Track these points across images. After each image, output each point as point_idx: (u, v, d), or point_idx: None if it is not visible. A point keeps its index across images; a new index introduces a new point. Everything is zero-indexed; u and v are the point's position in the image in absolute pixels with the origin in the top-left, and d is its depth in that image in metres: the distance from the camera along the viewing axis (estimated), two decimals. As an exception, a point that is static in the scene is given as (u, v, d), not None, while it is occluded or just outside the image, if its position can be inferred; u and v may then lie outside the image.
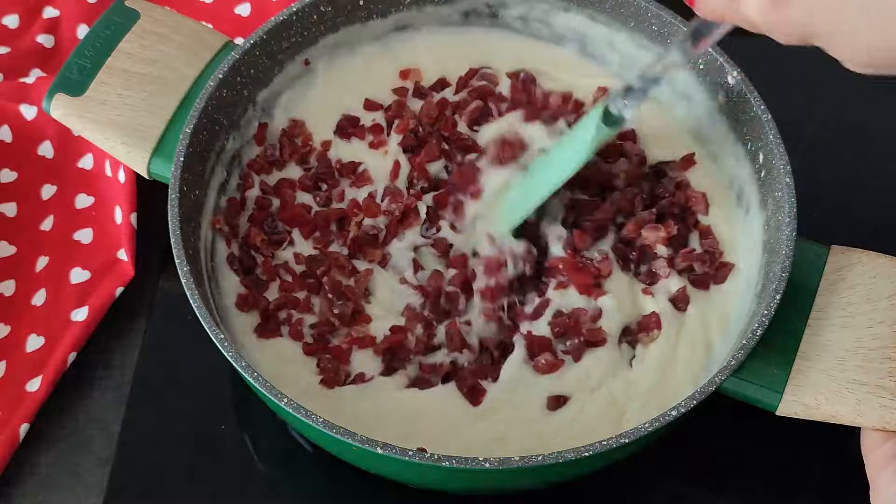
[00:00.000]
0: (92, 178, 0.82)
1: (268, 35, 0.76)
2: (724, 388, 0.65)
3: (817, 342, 0.66)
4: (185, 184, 0.69)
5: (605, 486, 0.71)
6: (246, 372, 0.62)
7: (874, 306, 0.67)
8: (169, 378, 0.75)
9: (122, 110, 0.74)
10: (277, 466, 0.73)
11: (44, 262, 0.79)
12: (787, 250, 0.66)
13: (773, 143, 0.70)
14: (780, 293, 0.65)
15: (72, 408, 0.75)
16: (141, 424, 0.73)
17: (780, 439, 0.73)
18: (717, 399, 0.64)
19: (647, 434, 0.60)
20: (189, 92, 0.76)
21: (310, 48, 0.79)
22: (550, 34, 0.81)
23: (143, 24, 0.77)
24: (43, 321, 0.76)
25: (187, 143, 0.70)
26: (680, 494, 0.72)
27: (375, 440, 0.59)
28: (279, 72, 0.78)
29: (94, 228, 0.80)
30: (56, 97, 0.75)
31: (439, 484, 0.67)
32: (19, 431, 0.72)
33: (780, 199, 0.69)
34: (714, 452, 0.73)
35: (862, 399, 0.64)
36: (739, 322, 0.70)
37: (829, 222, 0.81)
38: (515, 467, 0.59)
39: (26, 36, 0.89)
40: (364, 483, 0.70)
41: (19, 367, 0.75)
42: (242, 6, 0.92)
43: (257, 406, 0.73)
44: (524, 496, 0.70)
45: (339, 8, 0.78)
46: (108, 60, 0.76)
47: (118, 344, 0.77)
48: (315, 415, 0.60)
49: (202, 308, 0.64)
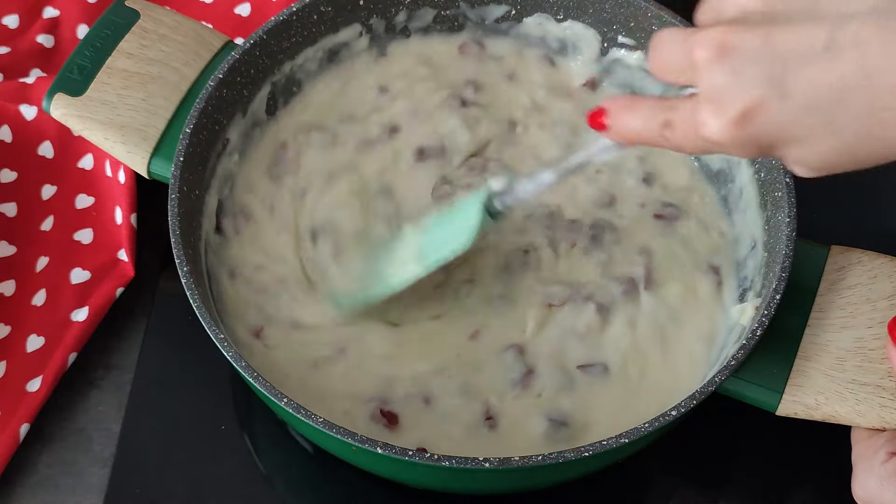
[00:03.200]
0: (92, 178, 0.82)
1: (268, 35, 0.76)
2: (724, 388, 0.65)
3: (817, 342, 0.66)
4: (185, 184, 0.69)
5: (605, 486, 0.71)
6: (246, 372, 0.62)
7: (874, 306, 0.67)
8: (169, 378, 0.75)
9: (122, 110, 0.75)
10: (277, 466, 0.73)
11: (44, 263, 0.79)
12: (787, 250, 0.66)
13: (773, 143, 0.70)
14: (780, 293, 0.65)
15: (72, 408, 0.75)
16: (141, 424, 0.73)
17: (780, 439, 0.73)
18: (717, 399, 0.64)
19: (647, 434, 0.60)
20: (189, 92, 0.76)
21: (310, 48, 0.79)
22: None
23: (143, 24, 0.77)
24: (43, 321, 0.76)
25: (187, 143, 0.70)
26: (680, 494, 0.72)
27: (375, 440, 0.59)
28: (279, 71, 0.78)
29: (95, 229, 0.80)
30: (56, 97, 0.75)
31: (439, 484, 0.67)
32: (19, 431, 0.72)
33: (779, 199, 0.69)
34: (714, 452, 0.73)
35: (862, 399, 0.64)
36: None
37: (829, 222, 0.81)
38: (515, 467, 0.59)
39: (26, 36, 0.89)
40: (364, 483, 0.70)
41: (19, 367, 0.75)
42: (242, 6, 0.92)
43: (257, 406, 0.74)
44: (524, 496, 0.70)
45: (339, 8, 0.78)
46: (108, 60, 0.76)
47: (118, 344, 0.77)
48: (315, 415, 0.60)
49: (202, 308, 0.64)
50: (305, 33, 0.78)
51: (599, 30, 0.80)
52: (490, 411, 0.68)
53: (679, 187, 0.77)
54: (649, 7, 0.77)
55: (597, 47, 0.81)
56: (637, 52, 0.80)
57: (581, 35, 0.81)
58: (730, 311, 0.71)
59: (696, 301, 0.72)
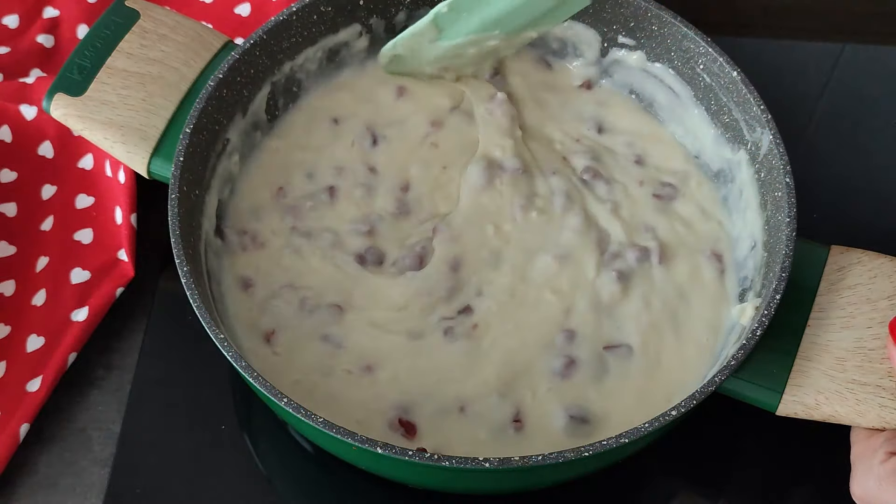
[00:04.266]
0: (92, 178, 0.82)
1: (268, 35, 0.76)
2: (724, 388, 0.65)
3: (817, 342, 0.66)
4: (185, 184, 0.69)
5: (605, 486, 0.71)
6: (246, 372, 0.62)
7: (874, 306, 0.67)
8: (169, 378, 0.75)
9: (122, 110, 0.74)
10: (277, 466, 0.73)
11: (44, 263, 0.79)
12: (787, 250, 0.66)
13: (773, 142, 0.70)
14: (780, 293, 0.65)
15: (72, 408, 0.75)
16: (141, 424, 0.73)
17: (780, 439, 0.73)
18: (717, 399, 0.64)
19: (647, 434, 0.60)
20: (189, 92, 0.76)
21: (310, 48, 0.79)
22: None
23: (143, 24, 0.77)
24: (43, 321, 0.76)
25: (187, 143, 0.70)
26: (680, 494, 0.72)
27: (375, 440, 0.59)
28: (279, 71, 0.78)
29: (95, 229, 0.80)
30: (56, 97, 0.75)
31: (439, 484, 0.67)
32: (19, 431, 0.72)
33: (779, 199, 0.69)
34: (714, 452, 0.73)
35: (862, 399, 0.64)
36: None
37: (829, 222, 0.81)
38: (515, 467, 0.59)
39: (26, 36, 0.89)
40: (364, 483, 0.70)
41: (19, 367, 0.75)
42: (242, 6, 0.92)
43: (257, 406, 0.74)
44: (524, 496, 0.70)
45: (339, 8, 0.78)
46: (108, 60, 0.76)
47: (118, 344, 0.77)
48: (315, 415, 0.60)
49: (202, 308, 0.64)
50: (305, 33, 0.78)
51: (599, 30, 0.80)
52: (520, 413, 0.68)
53: (674, 170, 0.79)
54: (649, 7, 0.77)
55: (597, 48, 0.81)
56: (637, 52, 0.80)
57: (581, 35, 0.81)
58: (732, 305, 0.71)
59: (702, 286, 0.73)
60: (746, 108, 0.73)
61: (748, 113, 0.73)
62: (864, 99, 0.89)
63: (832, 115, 0.88)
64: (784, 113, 0.73)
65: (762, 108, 0.72)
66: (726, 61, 0.74)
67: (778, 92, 0.75)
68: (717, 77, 0.75)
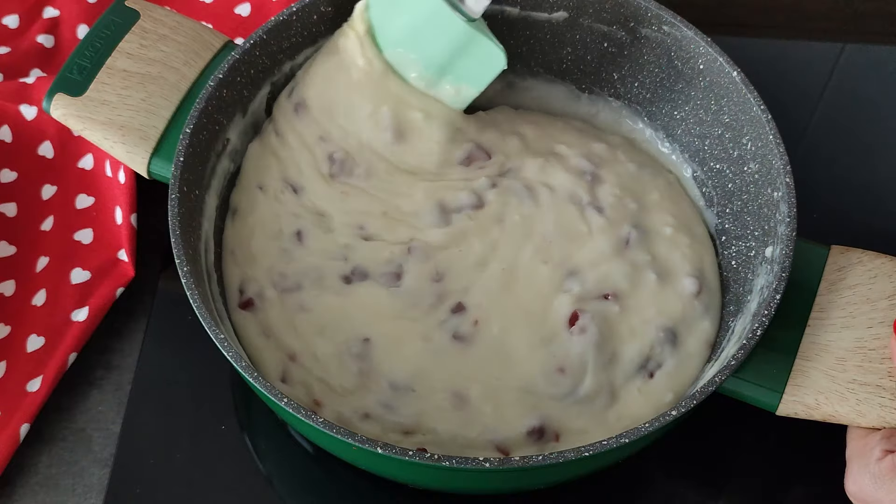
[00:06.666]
0: (92, 178, 0.82)
1: (268, 35, 0.76)
2: (724, 388, 0.65)
3: (817, 342, 0.66)
4: (185, 184, 0.69)
5: (605, 486, 0.71)
6: (246, 372, 0.62)
7: (874, 306, 0.67)
8: (169, 378, 0.75)
9: (122, 110, 0.75)
10: (277, 466, 0.73)
11: (44, 263, 0.79)
12: (787, 250, 0.66)
13: (773, 143, 0.70)
14: (780, 293, 0.65)
15: (72, 408, 0.75)
16: (141, 424, 0.73)
17: (780, 439, 0.73)
18: (717, 399, 0.64)
19: (647, 434, 0.60)
20: (189, 92, 0.76)
21: (310, 48, 0.79)
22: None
23: (143, 24, 0.77)
24: (43, 321, 0.76)
25: (187, 143, 0.70)
26: (680, 494, 0.72)
27: (375, 440, 0.59)
28: (279, 71, 0.78)
29: (95, 229, 0.80)
30: (56, 97, 0.75)
31: (439, 484, 0.67)
32: (19, 431, 0.72)
33: (779, 199, 0.69)
34: (714, 452, 0.73)
35: (862, 399, 0.64)
36: None
37: (829, 222, 0.81)
38: (515, 467, 0.59)
39: (26, 36, 0.89)
40: (364, 483, 0.70)
41: (19, 367, 0.75)
42: (242, 6, 0.92)
43: (257, 406, 0.74)
44: (524, 496, 0.70)
45: (339, 8, 0.78)
46: (108, 60, 0.76)
47: (118, 344, 0.77)
48: (315, 415, 0.60)
49: (202, 308, 0.64)
50: (305, 33, 0.78)
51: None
52: (546, 425, 0.68)
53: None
54: (649, 7, 0.77)
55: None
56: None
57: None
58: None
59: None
60: (747, 107, 0.73)
61: (748, 113, 0.73)
62: (864, 99, 0.89)
63: (832, 115, 0.88)
64: (784, 113, 0.73)
65: (762, 107, 0.72)
66: (726, 61, 0.74)
67: (778, 92, 0.75)
68: (718, 77, 0.75)
